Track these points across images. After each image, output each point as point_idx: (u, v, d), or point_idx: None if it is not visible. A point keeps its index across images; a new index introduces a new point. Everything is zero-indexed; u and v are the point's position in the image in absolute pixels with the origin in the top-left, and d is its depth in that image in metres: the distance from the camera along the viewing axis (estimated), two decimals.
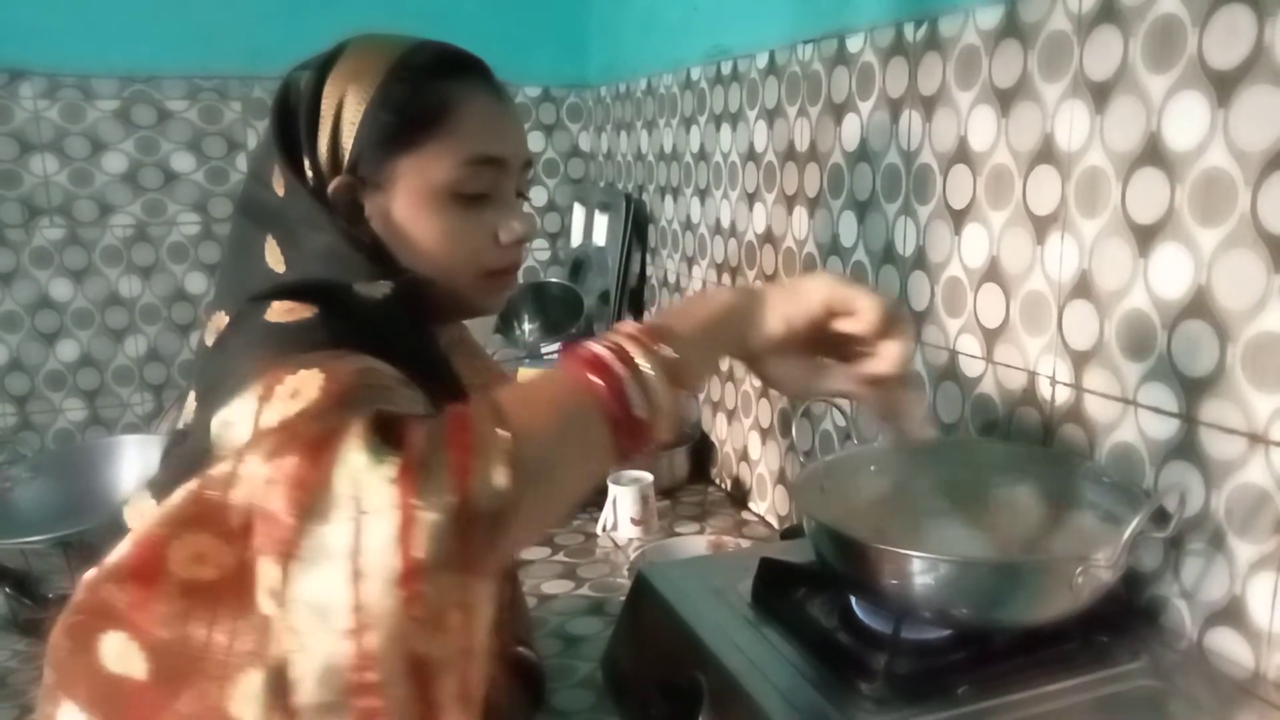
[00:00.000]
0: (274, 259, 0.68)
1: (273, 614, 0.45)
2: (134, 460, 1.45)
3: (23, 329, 1.70)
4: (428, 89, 0.68)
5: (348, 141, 0.67)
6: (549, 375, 0.56)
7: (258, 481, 0.47)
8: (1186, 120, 0.72)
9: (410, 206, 0.68)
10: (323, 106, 0.68)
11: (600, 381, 0.53)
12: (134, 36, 1.67)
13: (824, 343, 0.64)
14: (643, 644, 0.87)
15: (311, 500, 0.45)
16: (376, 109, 0.67)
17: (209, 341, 0.66)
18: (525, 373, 1.50)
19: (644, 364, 0.55)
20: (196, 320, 1.80)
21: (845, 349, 0.65)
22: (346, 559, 0.44)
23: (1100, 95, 0.79)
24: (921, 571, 0.68)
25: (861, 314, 0.63)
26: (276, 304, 0.61)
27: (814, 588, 0.82)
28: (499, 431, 0.48)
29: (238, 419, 0.53)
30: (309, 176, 0.68)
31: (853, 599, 0.78)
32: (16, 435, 1.73)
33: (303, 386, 0.52)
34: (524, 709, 0.84)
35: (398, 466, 0.45)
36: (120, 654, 0.49)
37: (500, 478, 0.47)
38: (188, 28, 1.68)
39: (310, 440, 0.47)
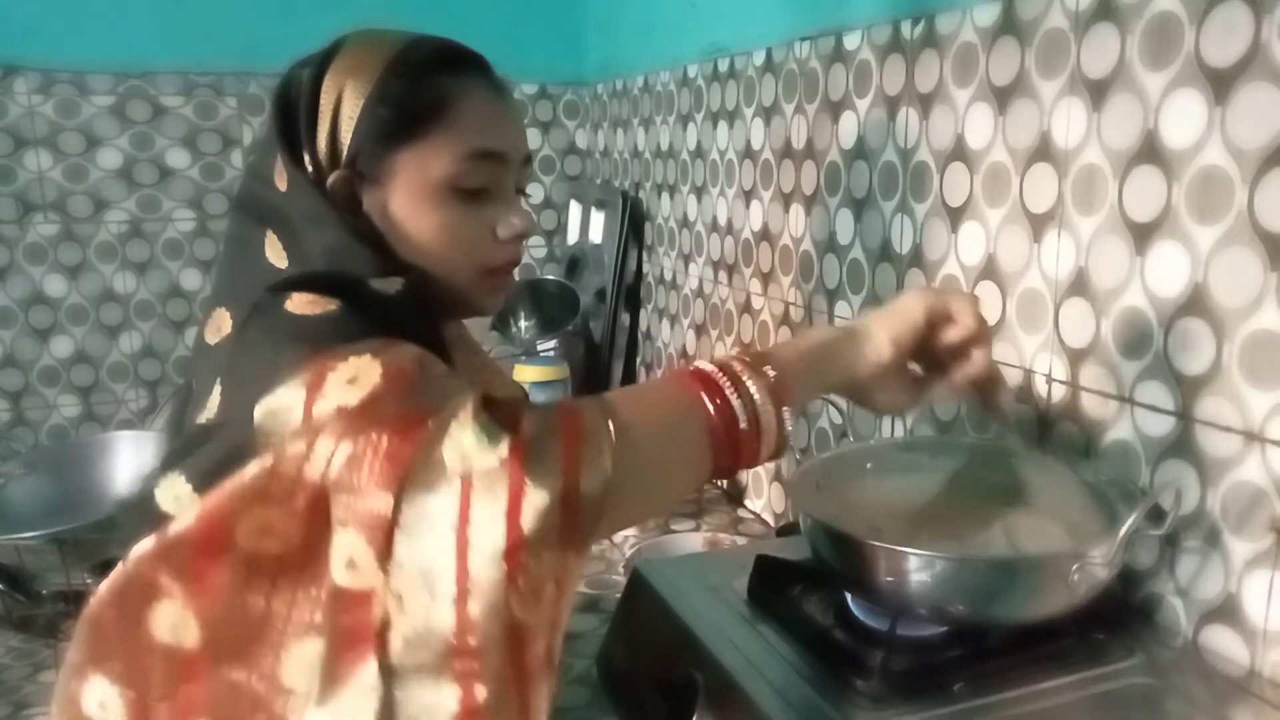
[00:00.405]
0: (275, 255, 0.67)
1: (365, 585, 0.48)
2: (128, 457, 1.44)
3: (16, 325, 1.70)
4: (427, 83, 0.68)
5: (346, 136, 0.67)
6: (657, 382, 0.60)
7: (339, 458, 0.49)
8: (1184, 118, 0.72)
9: (409, 201, 0.68)
10: (321, 101, 0.67)
11: (705, 394, 0.57)
12: (129, 32, 1.66)
13: (917, 353, 0.70)
14: (638, 641, 0.87)
15: (413, 473, 0.48)
16: (375, 103, 0.67)
17: (209, 339, 0.66)
18: (522, 370, 1.50)
19: (750, 383, 0.58)
20: (191, 316, 1.79)
21: (935, 354, 0.70)
22: (453, 529, 0.47)
23: (1097, 93, 0.79)
24: (917, 568, 0.68)
25: (961, 318, 0.68)
26: (296, 295, 0.60)
27: (810, 585, 0.82)
28: (607, 424, 0.52)
29: (285, 407, 0.53)
30: (310, 172, 0.68)
31: (849, 596, 0.78)
32: (10, 431, 1.72)
33: (360, 373, 0.53)
34: None
35: (509, 446, 0.48)
36: (173, 624, 0.51)
37: (606, 465, 0.50)
38: (183, 23, 1.68)
39: (402, 419, 0.49)
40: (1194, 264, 0.72)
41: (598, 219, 1.83)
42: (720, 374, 0.58)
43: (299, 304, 0.59)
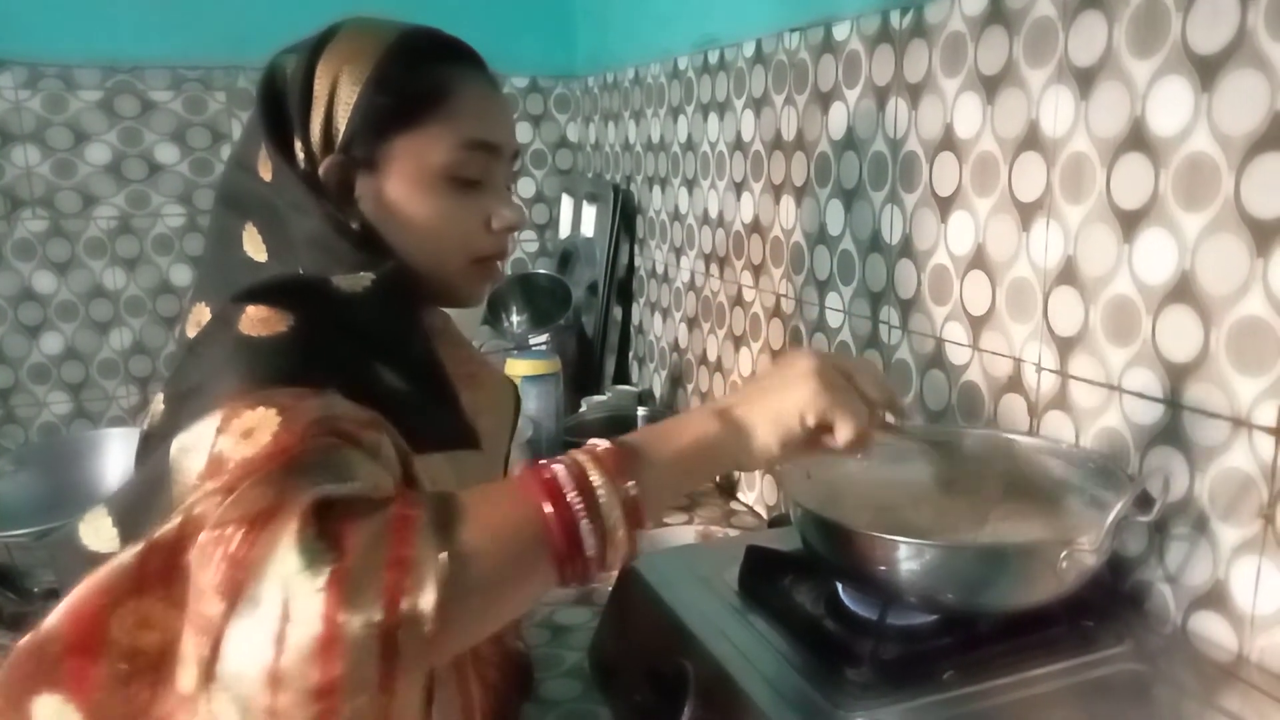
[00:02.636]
0: (253, 248, 0.67)
1: (192, 691, 0.45)
2: (119, 454, 1.44)
3: (6, 322, 1.69)
4: (425, 71, 0.68)
5: (342, 121, 0.66)
6: (503, 491, 0.54)
7: (197, 551, 0.46)
8: (1170, 105, 0.72)
9: (404, 187, 0.67)
10: (315, 88, 0.67)
11: (554, 513, 0.51)
12: (116, 24, 1.65)
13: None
14: (630, 633, 0.87)
15: (243, 587, 0.45)
16: (373, 89, 0.66)
17: (190, 334, 0.66)
18: (513, 364, 1.50)
19: (605, 499, 0.52)
20: (181, 312, 1.78)
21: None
22: (269, 659, 0.43)
23: (1085, 81, 0.79)
24: (907, 557, 0.68)
25: (842, 431, 0.61)
26: (251, 310, 0.59)
27: (800, 575, 0.82)
28: (438, 554, 0.47)
29: (194, 447, 0.52)
30: (300, 159, 0.67)
31: (839, 586, 0.78)
32: (1, 429, 1.71)
33: (258, 427, 0.51)
34: (512, 699, 0.83)
35: (328, 576, 0.44)
36: (56, 715, 0.48)
37: (429, 603, 0.46)
38: (171, 16, 1.67)
39: (250, 516, 0.46)
40: (1181, 251, 0.72)
41: (589, 213, 1.83)
42: (574, 487, 0.52)
43: (251, 321, 0.58)
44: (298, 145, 0.67)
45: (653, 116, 1.63)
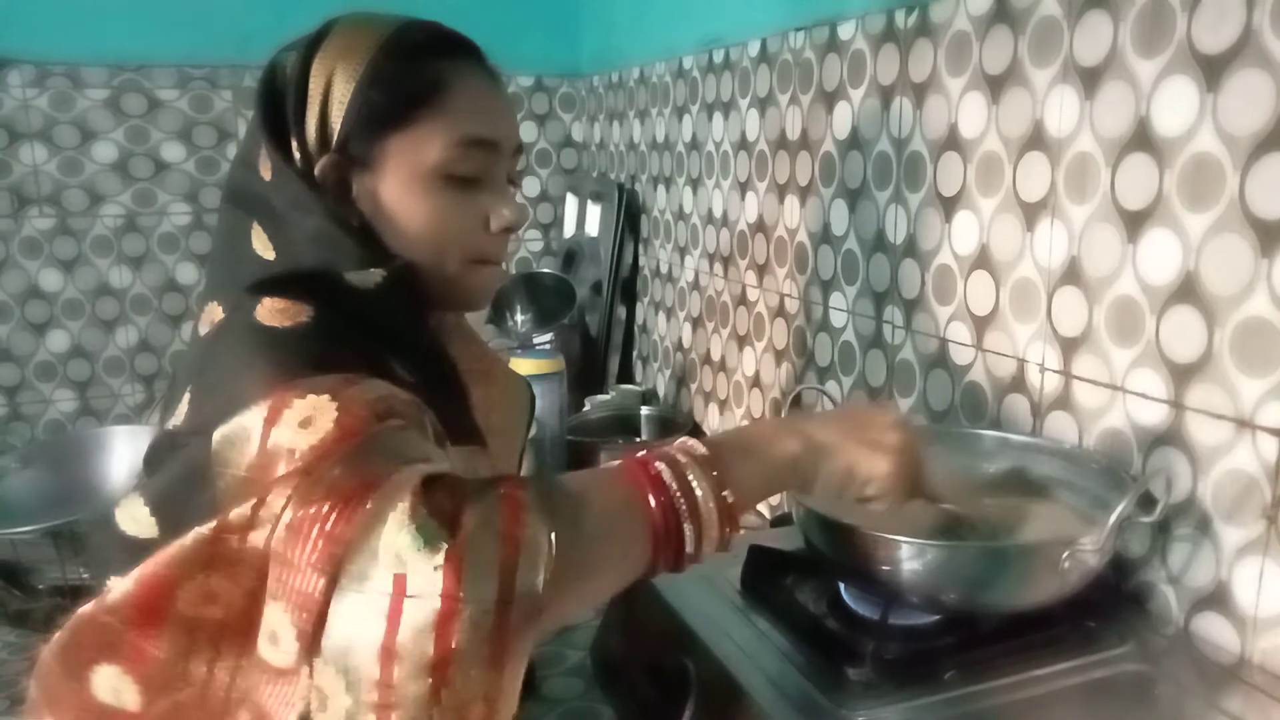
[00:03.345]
0: (261, 245, 0.67)
1: (289, 664, 0.46)
2: (124, 451, 1.44)
3: (13, 319, 1.69)
4: (420, 67, 0.67)
5: (336, 120, 0.66)
6: (610, 477, 0.56)
7: (282, 527, 0.47)
8: (1176, 105, 0.72)
9: (400, 186, 0.67)
10: (310, 86, 0.66)
11: (658, 508, 0.54)
12: (123, 24, 1.65)
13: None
14: (632, 631, 0.87)
15: (346, 562, 0.46)
16: (366, 87, 0.66)
17: (204, 332, 0.66)
18: (518, 363, 1.50)
19: (704, 502, 0.55)
20: (188, 311, 1.79)
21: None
22: (380, 633, 0.45)
23: (1090, 80, 0.79)
24: (909, 557, 0.68)
25: (878, 505, 0.65)
26: (268, 301, 0.59)
27: (803, 574, 0.82)
28: (549, 534, 0.49)
29: (242, 437, 0.52)
30: (297, 158, 0.67)
31: (841, 585, 0.78)
32: (7, 426, 1.72)
33: (315, 415, 0.51)
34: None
35: (445, 554, 0.45)
36: (113, 686, 0.49)
37: (540, 581, 0.47)
38: (177, 15, 1.67)
39: (341, 493, 0.47)
40: (1185, 251, 0.72)
41: (594, 212, 1.83)
42: (677, 486, 0.55)
43: (269, 312, 0.59)
44: (294, 144, 0.67)
45: (657, 116, 1.63)
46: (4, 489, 1.35)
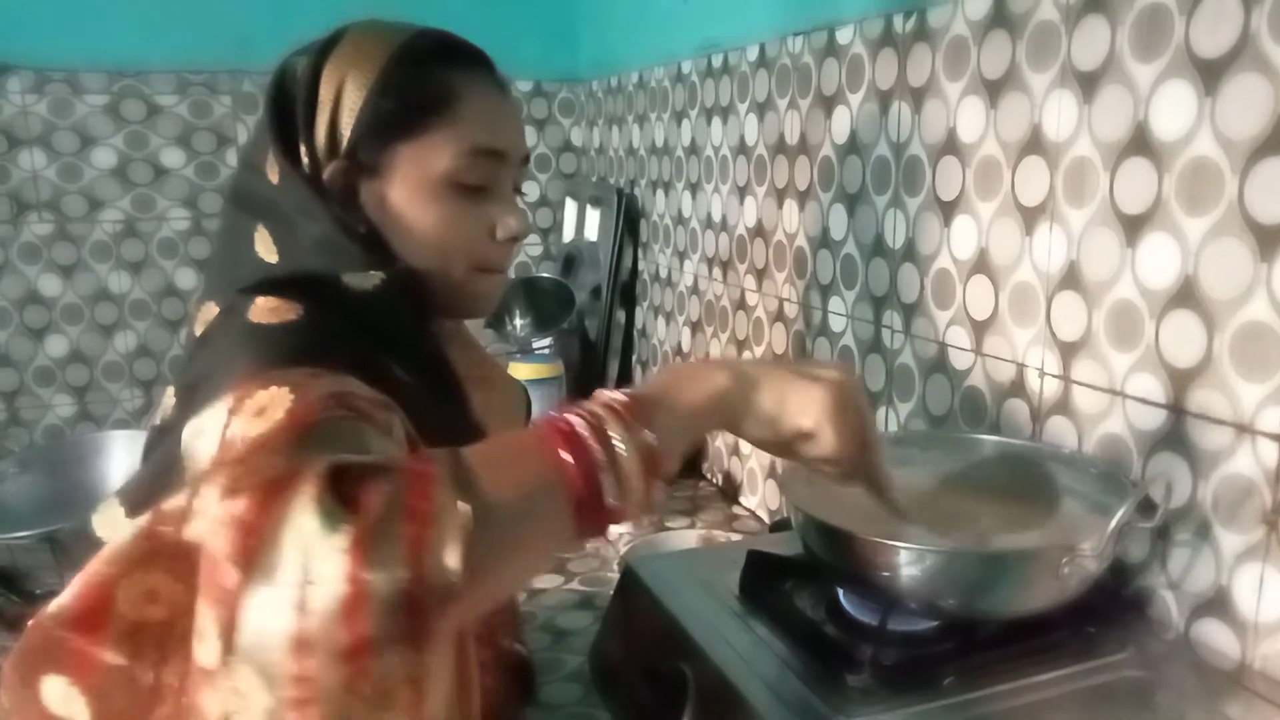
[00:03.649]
0: (265, 249, 0.67)
1: (213, 665, 0.43)
2: (123, 456, 1.44)
3: (11, 324, 1.69)
4: (431, 76, 0.67)
5: (347, 127, 0.66)
6: (521, 442, 0.53)
7: (208, 519, 0.45)
8: (1174, 109, 0.71)
9: (407, 194, 0.67)
10: (321, 92, 0.67)
11: (572, 461, 0.51)
12: (122, 29, 1.66)
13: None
14: (630, 636, 0.87)
15: (258, 554, 0.43)
16: (378, 95, 0.66)
17: (197, 333, 0.66)
18: (517, 368, 1.50)
19: (622, 447, 0.52)
20: (187, 316, 1.79)
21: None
22: (292, 626, 0.42)
23: (1088, 85, 0.78)
24: (908, 562, 0.67)
25: (819, 447, 0.61)
26: (261, 300, 0.59)
27: (801, 580, 0.81)
28: (459, 505, 0.46)
29: (207, 429, 0.52)
30: (305, 163, 0.67)
31: (840, 591, 0.77)
32: (5, 431, 1.72)
33: (270, 405, 0.50)
34: (513, 703, 0.83)
35: (350, 535, 0.43)
36: (62, 697, 0.47)
37: (454, 556, 0.44)
38: (176, 20, 1.67)
39: (264, 483, 0.45)
40: (1184, 255, 0.72)
41: (593, 216, 1.83)
42: (591, 434, 0.52)
43: (261, 310, 0.58)
44: (303, 149, 0.67)
45: (656, 120, 1.63)
46: (1, 494, 1.34)
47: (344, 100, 0.66)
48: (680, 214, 1.57)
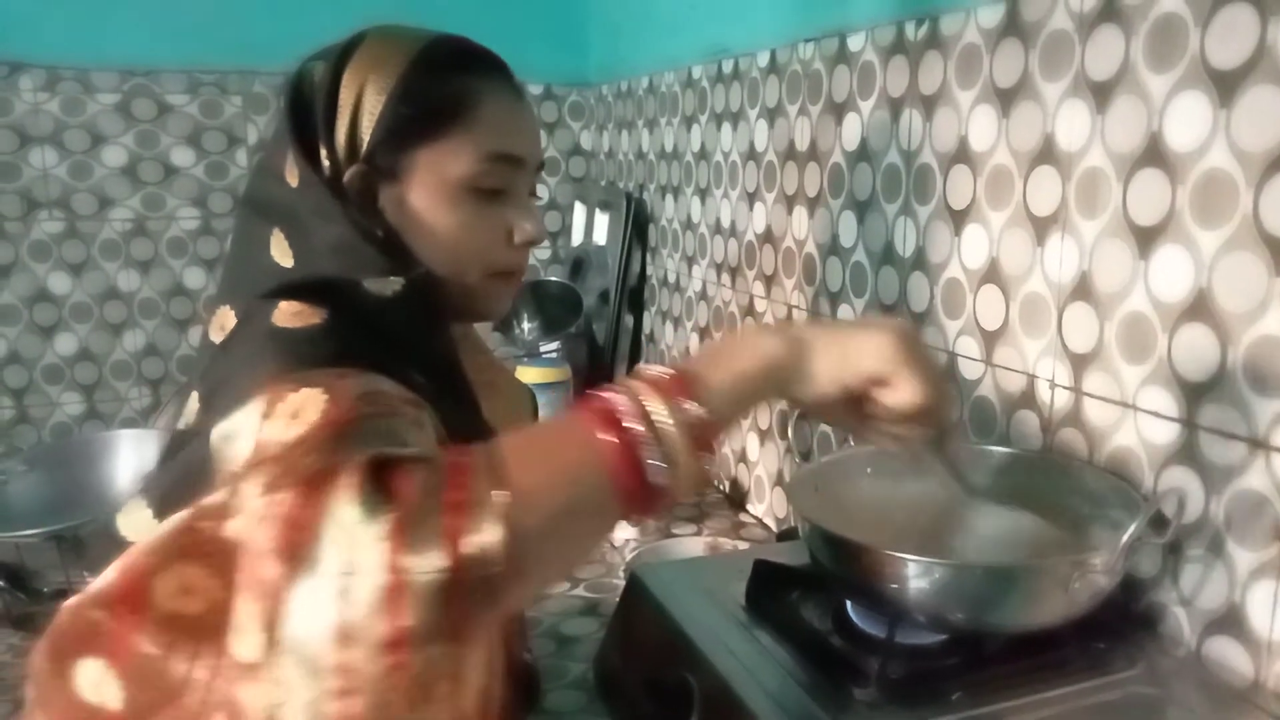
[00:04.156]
0: (280, 253, 0.67)
1: (256, 658, 0.44)
2: (130, 455, 1.44)
3: (20, 322, 1.70)
4: (450, 82, 0.68)
5: (366, 131, 0.67)
6: (559, 426, 0.52)
7: (250, 515, 0.45)
8: (1188, 120, 0.71)
9: (426, 198, 0.67)
10: (341, 96, 0.67)
11: (613, 440, 0.49)
12: (134, 29, 1.66)
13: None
14: (634, 645, 0.86)
15: (301, 547, 0.44)
16: (397, 99, 0.66)
17: (215, 338, 0.65)
18: (524, 372, 1.50)
19: (665, 422, 0.50)
20: (195, 315, 1.79)
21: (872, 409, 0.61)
22: (334, 616, 0.43)
23: (1101, 95, 0.78)
24: (916, 575, 0.67)
25: (900, 393, 0.58)
26: (284, 305, 0.59)
27: (808, 590, 0.81)
28: (496, 493, 0.46)
29: (238, 433, 0.52)
30: (325, 166, 0.67)
31: (847, 602, 0.77)
32: (13, 429, 1.72)
33: (304, 407, 0.50)
34: (517, 710, 0.83)
35: (388, 524, 0.43)
36: (95, 682, 0.47)
37: (494, 544, 0.44)
38: (187, 20, 1.68)
39: (305, 478, 0.45)
40: (1198, 268, 0.71)
41: (602, 220, 1.83)
42: (631, 411, 0.50)
43: (284, 315, 0.58)
44: (323, 153, 0.67)
45: (666, 125, 1.62)
46: (9, 492, 1.35)
47: (364, 105, 0.67)
48: (689, 219, 1.56)
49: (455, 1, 1.71)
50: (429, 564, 0.43)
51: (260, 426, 0.51)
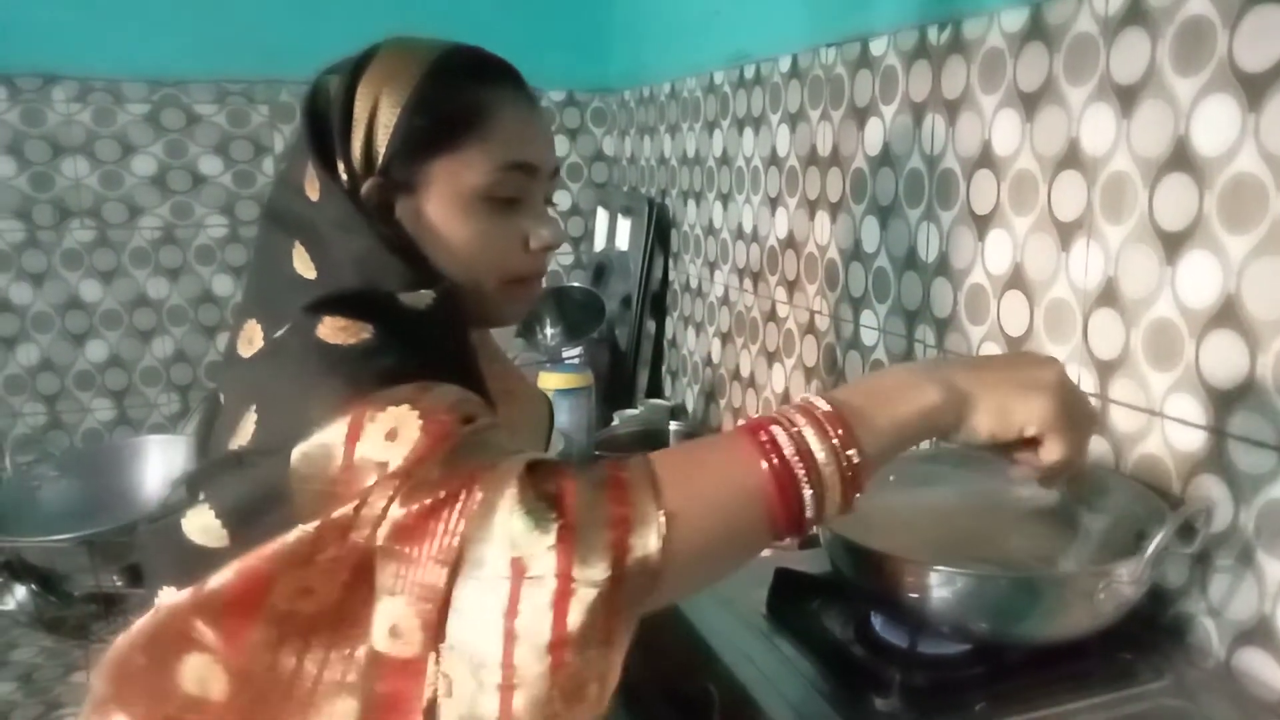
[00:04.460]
0: (303, 265, 0.67)
1: (414, 654, 0.48)
2: (159, 460, 1.46)
3: (53, 329, 1.73)
4: (463, 93, 0.68)
5: (382, 144, 0.67)
6: (720, 449, 0.54)
7: (388, 526, 0.49)
8: (1215, 124, 0.70)
9: (442, 209, 0.68)
10: (356, 109, 0.68)
11: (771, 473, 0.51)
12: (163, 40, 1.69)
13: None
14: (654, 653, 0.85)
15: (463, 552, 0.47)
16: (411, 112, 0.67)
17: (242, 351, 0.66)
18: (546, 377, 1.50)
19: (824, 461, 0.52)
20: (223, 322, 1.81)
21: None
22: (501, 617, 0.46)
23: (1127, 98, 0.77)
24: (939, 584, 0.66)
25: (1050, 453, 0.59)
26: (329, 320, 0.60)
27: (829, 599, 0.80)
28: (658, 511, 0.49)
29: (322, 456, 0.53)
30: (343, 179, 0.68)
31: (869, 611, 0.76)
32: (46, 434, 1.75)
33: (400, 426, 0.52)
34: None
35: (557, 533, 0.47)
36: (201, 676, 0.51)
37: (653, 560, 0.48)
38: (215, 31, 1.70)
39: (452, 488, 0.48)
40: (1226, 274, 0.70)
41: (624, 226, 1.83)
42: (794, 450, 0.52)
43: (331, 330, 0.59)
44: (340, 166, 0.68)
45: (688, 131, 1.62)
46: (40, 497, 1.37)
47: (379, 117, 0.67)
48: (711, 224, 1.56)
49: (479, 10, 1.74)
50: (596, 574, 0.47)
51: (351, 448, 0.53)
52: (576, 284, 1.89)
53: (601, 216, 1.96)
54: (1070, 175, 0.83)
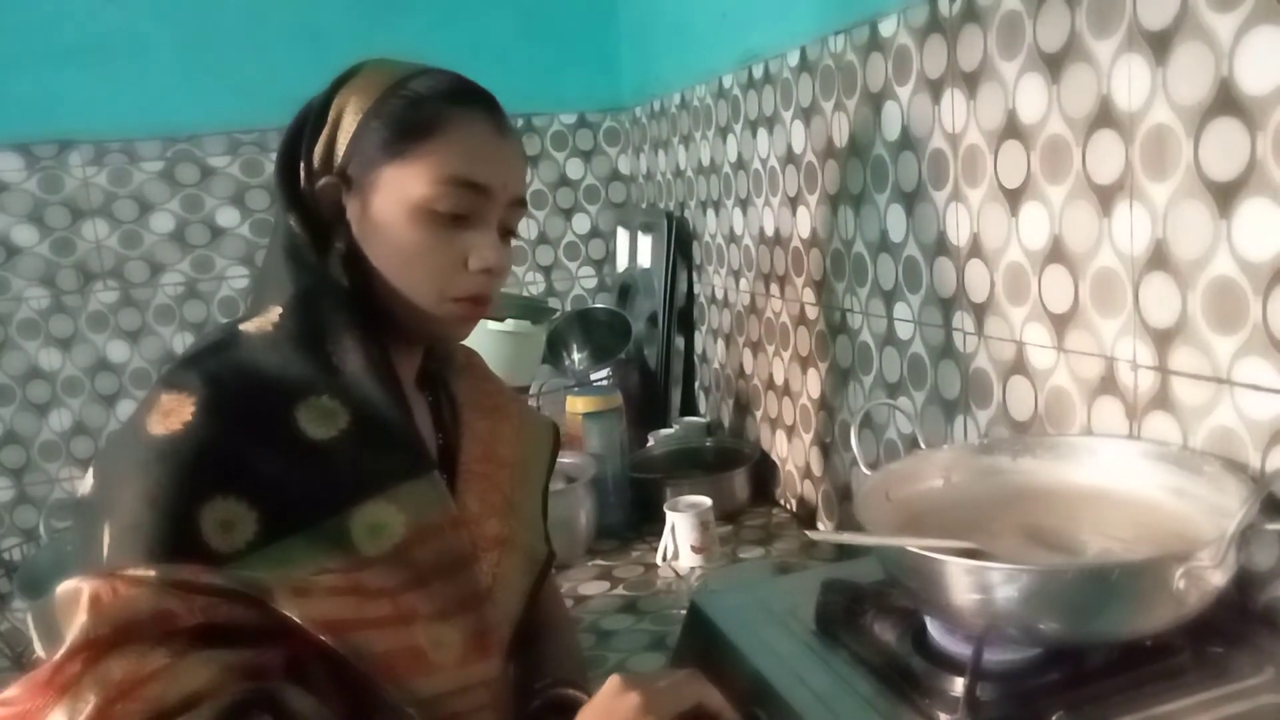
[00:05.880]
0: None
1: None
2: None
3: (84, 393, 1.73)
4: (422, 107, 0.71)
5: (341, 146, 0.71)
6: None
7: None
8: (1263, 59, 0.64)
9: (387, 215, 0.70)
10: (329, 115, 0.72)
11: None
12: (174, 96, 1.71)
13: None
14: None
15: None
16: (371, 117, 0.70)
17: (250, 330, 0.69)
18: (574, 401, 1.46)
19: None
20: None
21: None
22: None
23: (1160, 46, 0.71)
24: (1002, 583, 0.60)
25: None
26: (165, 398, 0.62)
27: (883, 609, 0.74)
28: None
29: (64, 605, 0.56)
30: (302, 179, 0.71)
31: (926, 619, 0.70)
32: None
33: (83, 606, 0.54)
34: None
35: None
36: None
37: None
38: (225, 82, 1.72)
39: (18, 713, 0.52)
40: None
41: (645, 243, 1.80)
42: None
43: (162, 412, 0.62)
44: (302, 166, 0.72)
45: (701, 139, 1.59)
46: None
47: (343, 122, 0.71)
48: (732, 231, 1.52)
49: (487, 38, 1.73)
50: None
51: (78, 622, 0.54)
52: (600, 305, 1.86)
53: (622, 236, 1.93)
54: (1105, 135, 0.78)
